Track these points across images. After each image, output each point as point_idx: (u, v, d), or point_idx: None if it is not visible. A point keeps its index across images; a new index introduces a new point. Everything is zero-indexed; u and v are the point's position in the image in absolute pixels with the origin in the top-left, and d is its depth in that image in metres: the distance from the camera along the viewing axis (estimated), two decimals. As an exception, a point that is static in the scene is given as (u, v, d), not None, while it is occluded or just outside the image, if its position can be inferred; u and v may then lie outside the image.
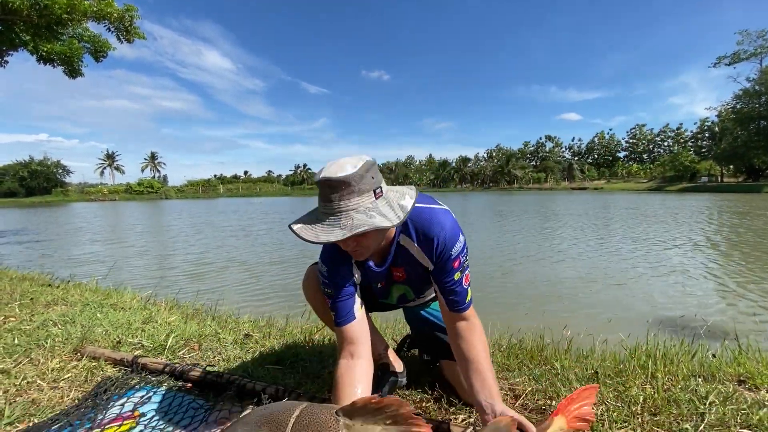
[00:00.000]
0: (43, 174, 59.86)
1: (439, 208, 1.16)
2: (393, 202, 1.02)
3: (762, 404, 1.25)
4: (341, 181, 0.94)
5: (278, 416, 0.86)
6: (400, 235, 1.16)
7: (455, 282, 1.14)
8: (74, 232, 14.33)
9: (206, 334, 2.00)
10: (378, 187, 1.00)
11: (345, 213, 0.95)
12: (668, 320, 3.83)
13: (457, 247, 1.12)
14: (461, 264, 1.14)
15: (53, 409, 1.29)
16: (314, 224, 0.96)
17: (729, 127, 46.02)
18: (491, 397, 1.05)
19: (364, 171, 0.97)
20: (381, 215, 0.97)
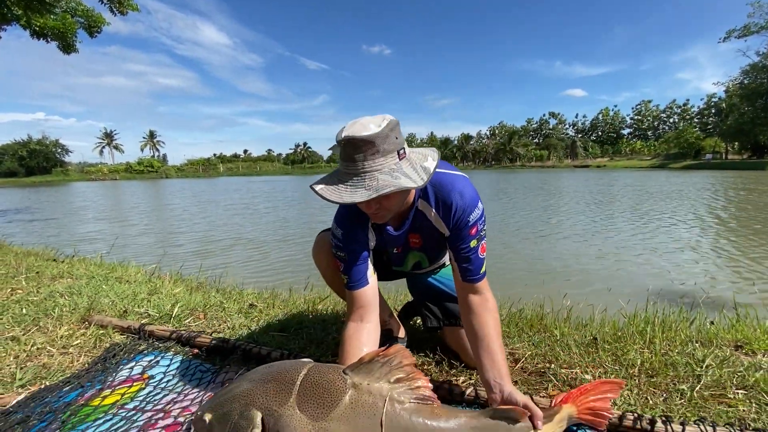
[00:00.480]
0: (42, 153, 59.54)
1: (459, 174, 1.15)
2: (416, 164, 0.99)
3: (758, 367, 1.28)
4: (365, 140, 0.91)
5: (285, 374, 0.88)
6: (419, 200, 1.14)
7: (471, 249, 1.12)
8: (78, 212, 14.37)
9: (211, 304, 2.03)
10: (402, 147, 0.98)
11: (369, 174, 0.93)
12: (668, 291, 3.88)
13: (476, 214, 1.11)
14: (478, 232, 1.12)
15: (64, 372, 1.32)
16: (337, 185, 0.94)
17: (736, 103, 45.17)
18: (500, 377, 1.02)
19: (389, 130, 0.94)
20: (405, 176, 0.95)
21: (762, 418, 1.04)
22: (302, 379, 0.85)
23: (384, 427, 0.79)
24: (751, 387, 1.17)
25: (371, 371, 0.86)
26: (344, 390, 0.82)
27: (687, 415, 1.06)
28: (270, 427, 0.79)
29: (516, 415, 0.89)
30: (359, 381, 0.85)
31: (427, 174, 0.98)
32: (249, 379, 0.91)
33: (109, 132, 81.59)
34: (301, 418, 0.79)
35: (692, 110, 73.00)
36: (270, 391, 0.84)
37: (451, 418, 0.86)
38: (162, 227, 10.06)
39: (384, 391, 0.84)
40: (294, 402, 0.81)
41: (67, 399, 1.13)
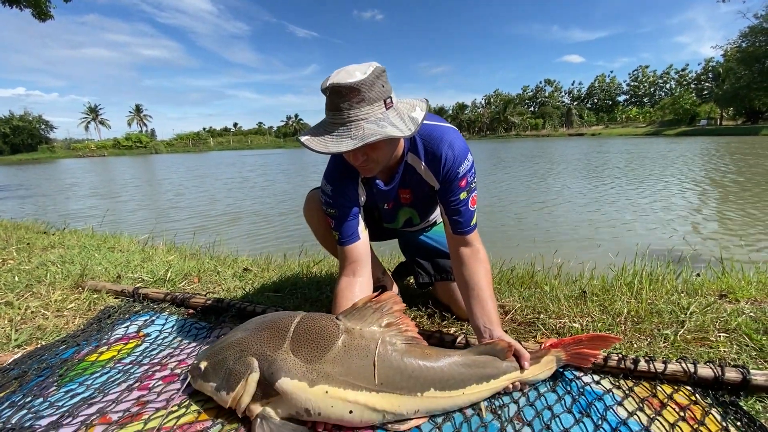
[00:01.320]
0: (26, 130, 57.86)
1: (448, 126, 1.13)
2: (403, 114, 0.97)
3: (741, 312, 1.32)
4: (350, 88, 0.88)
5: (279, 322, 0.90)
6: (408, 154, 1.12)
7: (461, 202, 1.12)
8: (71, 188, 14.12)
9: (205, 269, 2.04)
10: (388, 96, 0.95)
11: (355, 123, 0.90)
12: (657, 247, 3.96)
13: (465, 166, 1.10)
14: (468, 184, 1.12)
15: (59, 333, 1.33)
16: (323, 135, 0.92)
17: (733, 67, 44.51)
18: (490, 323, 1.03)
19: (374, 78, 0.91)
20: (392, 125, 0.92)
21: (742, 357, 1.08)
22: (296, 326, 0.87)
23: (376, 366, 0.82)
24: (733, 330, 1.21)
25: (364, 317, 0.89)
26: (337, 334, 0.85)
27: (670, 356, 1.10)
28: (264, 371, 0.81)
29: (500, 347, 0.92)
30: (352, 326, 0.87)
31: (415, 124, 0.95)
32: (243, 329, 0.93)
33: (93, 107, 79.17)
34: (295, 361, 0.81)
35: (690, 75, 71.99)
36: (264, 338, 0.86)
37: (440, 356, 0.89)
38: (158, 202, 9.96)
39: (376, 334, 0.87)
40: (288, 347, 0.83)
41: (64, 356, 1.14)
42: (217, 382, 0.85)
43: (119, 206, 9.36)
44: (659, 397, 0.91)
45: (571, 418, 0.84)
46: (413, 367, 0.84)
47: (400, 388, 0.82)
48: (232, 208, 8.21)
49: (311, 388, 0.79)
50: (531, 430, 0.81)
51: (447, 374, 0.86)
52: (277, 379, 0.79)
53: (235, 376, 0.83)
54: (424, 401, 0.84)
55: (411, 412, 0.83)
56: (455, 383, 0.86)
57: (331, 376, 0.80)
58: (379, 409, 0.81)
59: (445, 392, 0.85)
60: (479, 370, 0.89)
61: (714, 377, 0.93)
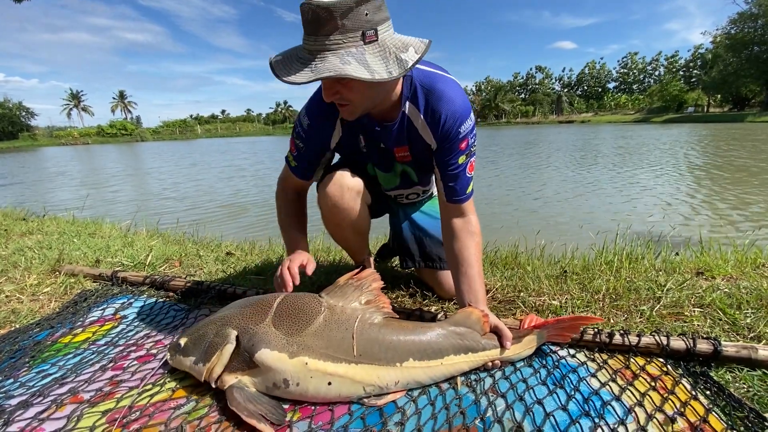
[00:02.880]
0: (6, 117, 56.21)
1: (450, 78, 1.02)
2: (389, 52, 0.83)
3: (716, 289, 1.34)
4: (322, 8, 0.76)
5: (263, 300, 0.91)
6: (407, 103, 1.02)
7: (459, 166, 1.04)
8: (56, 177, 13.78)
9: (187, 254, 2.01)
10: (372, 29, 0.81)
11: (320, 54, 0.80)
12: (638, 228, 4.05)
13: (467, 126, 1.00)
14: (468, 147, 1.03)
15: (34, 317, 1.30)
16: (291, 61, 0.83)
17: (721, 54, 44.85)
18: (476, 301, 1.01)
19: (354, 3, 0.77)
20: (360, 64, 0.79)
21: (715, 330, 1.11)
22: (279, 303, 0.89)
23: (355, 339, 0.83)
24: (707, 306, 1.23)
25: (345, 294, 0.91)
26: (320, 311, 0.86)
27: (644, 330, 1.11)
28: (245, 343, 0.82)
29: (474, 316, 0.93)
30: (334, 303, 0.89)
31: (400, 67, 0.82)
32: (227, 308, 0.94)
33: (75, 93, 77.03)
34: (276, 334, 0.82)
35: (679, 62, 72.42)
36: (247, 313, 0.87)
37: (418, 327, 0.90)
38: (144, 191, 9.79)
39: (356, 310, 0.89)
40: (270, 321, 0.85)
41: (38, 338, 1.12)
42: (195, 356, 0.86)
43: (103, 194, 9.18)
44: (632, 368, 0.92)
45: (545, 390, 0.85)
46: (391, 338, 0.86)
47: (379, 359, 0.83)
48: (222, 196, 8.11)
49: (291, 359, 0.79)
50: (504, 401, 0.82)
51: (425, 344, 0.87)
52: (258, 350, 0.80)
53: (212, 348, 0.83)
54: (404, 372, 0.84)
55: (391, 384, 0.84)
56: (433, 353, 0.87)
57: (312, 348, 0.81)
58: (358, 380, 0.81)
59: (423, 362, 0.86)
60: (457, 341, 0.90)
61: (686, 349, 0.95)
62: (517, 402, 0.81)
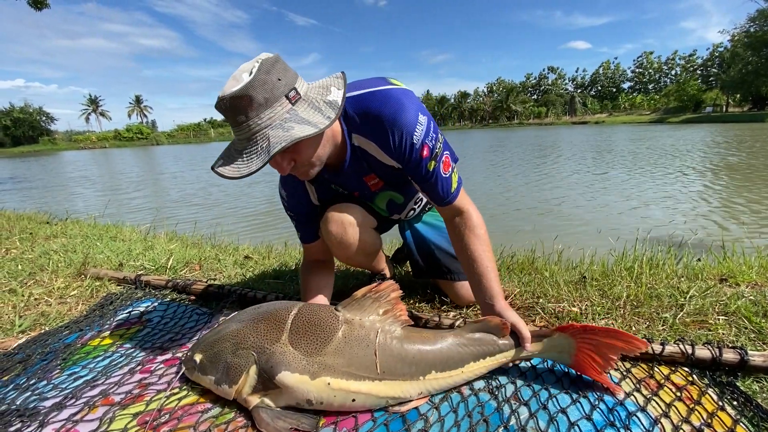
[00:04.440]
0: (27, 122, 57.96)
1: (387, 89, 0.96)
2: (317, 102, 0.84)
3: (741, 296, 1.31)
4: (240, 96, 0.76)
5: (276, 314, 0.89)
6: (353, 136, 0.99)
7: (431, 173, 0.99)
8: (76, 180, 14.13)
9: (207, 257, 2.05)
10: (291, 89, 0.81)
11: (259, 133, 0.79)
12: (658, 233, 3.96)
13: (419, 132, 0.93)
14: (432, 150, 0.96)
15: (62, 319, 1.35)
16: (234, 159, 0.81)
17: (740, 53, 43.77)
18: (491, 297, 0.99)
19: (264, 74, 0.78)
20: (302, 122, 0.80)
21: (741, 339, 1.08)
22: (293, 317, 0.87)
23: (378, 356, 0.82)
24: (732, 313, 1.21)
25: (363, 307, 0.88)
26: (337, 326, 0.84)
27: (668, 338, 1.10)
28: (263, 364, 0.81)
29: (493, 324, 0.91)
30: (351, 317, 0.87)
31: (334, 109, 0.83)
32: (237, 320, 0.92)
33: (94, 98, 78.96)
34: (295, 354, 0.81)
35: (696, 61, 70.89)
36: (261, 330, 0.85)
37: (438, 338, 0.89)
38: (161, 193, 9.98)
39: (375, 324, 0.87)
40: (287, 339, 0.83)
41: (67, 341, 1.15)
42: (215, 375, 0.85)
43: (122, 198, 9.39)
44: (656, 378, 0.91)
45: (569, 399, 0.84)
46: (414, 352, 0.85)
47: (402, 375, 0.83)
48: (236, 199, 8.22)
49: (313, 380, 0.79)
50: (528, 409, 0.81)
51: (446, 355, 0.86)
52: (277, 372, 0.79)
53: (236, 369, 0.82)
54: (426, 384, 0.85)
55: (414, 395, 0.84)
56: (454, 363, 0.87)
57: (333, 368, 0.80)
58: (382, 396, 0.81)
59: (445, 373, 0.86)
60: (476, 348, 0.90)
61: (712, 358, 0.93)
62: (540, 410, 0.81)
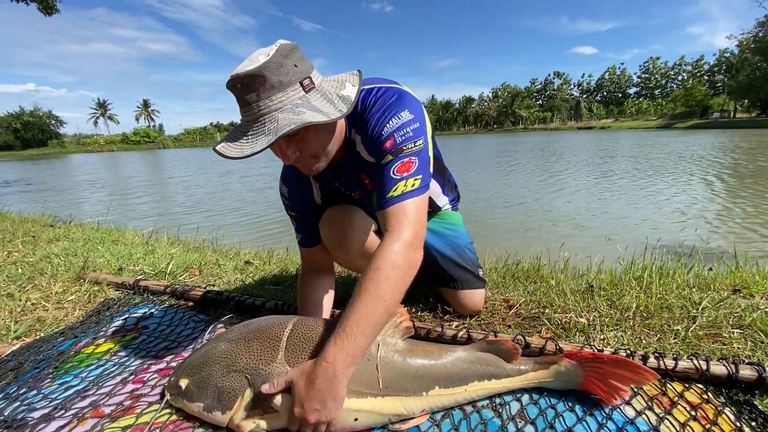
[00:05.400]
0: (37, 125, 58.79)
1: (390, 86, 0.95)
2: (330, 94, 0.83)
3: (755, 308, 1.27)
4: (253, 75, 0.75)
5: (268, 331, 0.83)
6: (351, 130, 0.96)
7: (381, 167, 0.87)
8: (82, 184, 14.25)
9: (207, 262, 2.03)
10: (306, 77, 0.80)
11: (268, 115, 0.77)
12: (668, 241, 3.89)
13: (393, 124, 0.87)
14: (395, 145, 0.86)
15: (58, 325, 1.33)
16: (239, 139, 0.79)
17: (748, 58, 43.45)
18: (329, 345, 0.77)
19: (281, 57, 0.77)
20: (313, 110, 0.78)
21: (757, 354, 1.04)
22: (289, 334, 0.82)
23: (380, 371, 0.79)
24: (747, 326, 1.16)
25: None
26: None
27: (681, 353, 1.05)
28: (258, 387, 0.76)
29: (506, 347, 0.88)
30: None
31: (346, 103, 0.81)
32: (226, 340, 0.86)
33: (102, 102, 79.99)
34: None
35: (704, 66, 70.44)
36: (254, 349, 0.80)
37: (442, 354, 0.86)
38: (165, 197, 10.03)
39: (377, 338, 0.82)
40: (283, 359, 0.78)
41: (61, 348, 1.13)
42: (205, 402, 0.78)
43: (130, 202, 9.44)
44: (669, 395, 0.87)
45: (574, 417, 0.80)
46: (417, 367, 0.82)
47: (405, 390, 0.80)
48: (240, 204, 8.23)
49: None
50: (534, 428, 0.77)
51: (450, 371, 0.83)
52: (276, 395, 0.75)
53: (228, 394, 0.77)
54: (429, 400, 0.81)
55: (417, 411, 0.81)
56: (458, 380, 0.83)
57: None
58: (385, 412, 0.78)
59: (448, 389, 0.83)
60: (482, 368, 0.86)
61: (728, 375, 0.89)
62: (547, 429, 0.77)
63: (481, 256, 2.25)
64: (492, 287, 1.57)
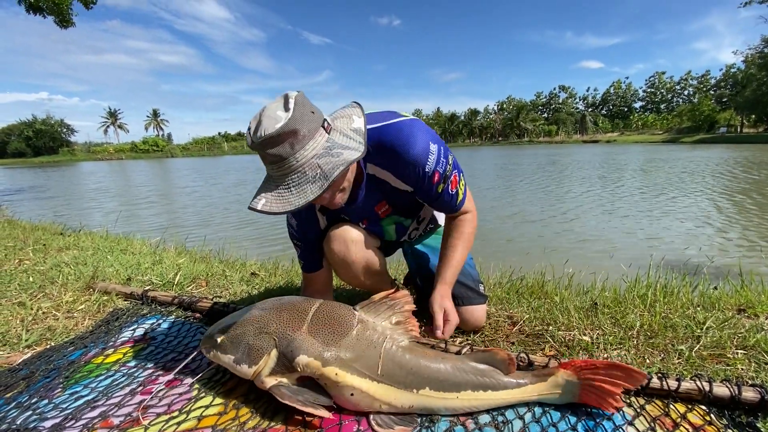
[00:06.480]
0: (48, 133, 59.85)
1: (399, 121, 1.01)
2: (345, 130, 0.89)
3: (760, 328, 1.26)
4: (286, 132, 0.78)
5: (298, 306, 0.97)
6: (367, 165, 1.04)
7: (440, 194, 1.06)
8: (91, 192, 14.45)
9: (214, 273, 2.05)
10: (323, 119, 0.85)
11: (307, 164, 0.81)
12: (672, 259, 3.86)
13: (432, 160, 0.99)
14: (442, 175, 1.03)
15: (68, 334, 1.35)
16: (279, 192, 0.82)
17: (754, 73, 43.43)
18: (439, 280, 1.13)
19: (302, 108, 0.82)
20: (345, 148, 0.83)
21: (761, 375, 1.04)
22: (315, 311, 0.95)
23: (382, 359, 0.88)
24: (751, 347, 1.16)
25: (378, 311, 0.96)
26: (353, 324, 0.92)
27: (684, 373, 1.05)
28: (284, 348, 0.89)
29: (499, 357, 0.90)
30: (366, 318, 0.95)
31: (361, 136, 0.88)
32: (260, 308, 1.00)
33: (113, 111, 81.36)
34: (313, 343, 0.89)
35: (710, 81, 70.45)
36: (284, 318, 0.94)
37: (438, 358, 0.91)
38: (173, 205, 10.13)
39: (386, 330, 0.94)
40: (307, 329, 0.91)
41: (71, 358, 1.15)
42: (236, 355, 0.92)
43: (134, 209, 9.55)
44: (672, 416, 0.87)
45: (578, 437, 0.81)
46: (413, 363, 0.89)
47: (398, 382, 0.87)
48: (246, 214, 8.30)
49: (324, 367, 0.86)
50: (536, 447, 0.78)
51: (443, 376, 0.88)
52: (296, 356, 0.87)
53: (257, 351, 0.90)
54: (419, 398, 0.87)
55: (405, 407, 0.87)
56: (450, 386, 0.88)
57: (342, 361, 0.87)
58: (377, 397, 0.86)
59: (439, 393, 0.88)
60: (476, 377, 0.89)
61: (730, 396, 0.89)
62: (549, 449, 0.78)
63: (486, 271, 2.27)
64: (496, 303, 1.58)
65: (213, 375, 1.05)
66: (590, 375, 0.88)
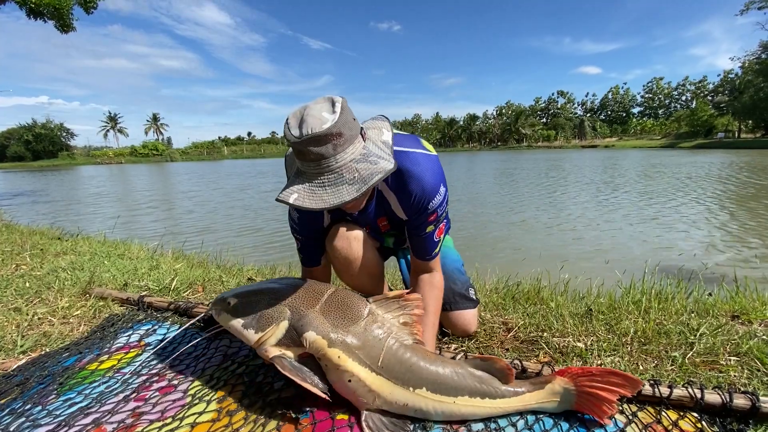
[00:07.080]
0: (48, 137, 59.81)
1: (421, 153, 1.04)
2: (376, 141, 0.92)
3: (753, 335, 1.27)
4: (331, 133, 0.81)
5: (314, 286, 1.00)
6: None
7: (427, 234, 1.10)
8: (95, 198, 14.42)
9: (210, 278, 2.05)
10: (360, 127, 0.89)
11: (345, 166, 0.83)
12: (667, 264, 3.87)
13: (436, 202, 1.04)
14: (438, 218, 1.08)
15: (63, 340, 1.35)
16: (311, 189, 0.83)
17: (751, 79, 43.71)
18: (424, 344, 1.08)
19: (347, 113, 0.85)
20: (380, 158, 0.86)
21: (753, 382, 1.04)
22: (330, 294, 0.98)
23: (384, 352, 0.90)
24: (744, 354, 1.17)
25: (389, 308, 0.99)
26: (364, 313, 0.95)
27: (677, 380, 1.06)
28: (295, 322, 0.92)
29: (498, 366, 0.91)
30: (377, 311, 0.97)
31: (390, 149, 0.92)
32: (276, 282, 1.03)
33: (113, 115, 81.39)
34: (324, 322, 0.92)
35: (708, 87, 70.81)
36: (300, 294, 0.97)
37: (438, 360, 0.93)
38: (171, 210, 10.13)
39: (393, 327, 0.96)
40: (320, 309, 0.94)
41: (66, 364, 1.15)
42: (245, 320, 0.95)
43: (133, 214, 9.54)
44: (664, 423, 0.88)
45: (570, 444, 0.81)
46: (412, 361, 0.90)
47: (396, 378, 0.89)
48: (245, 219, 8.30)
49: (329, 348, 0.89)
50: (528, 455, 0.78)
51: (441, 378, 0.89)
52: (305, 331, 0.90)
53: (267, 319, 0.93)
54: (414, 397, 0.88)
55: (400, 403, 0.88)
56: (447, 389, 0.88)
57: (347, 345, 0.90)
58: (373, 389, 0.88)
59: (436, 395, 0.88)
60: (474, 384, 0.89)
61: (722, 404, 0.89)
62: (540, 457, 0.78)
63: (482, 276, 2.28)
64: (492, 309, 1.58)
65: (207, 381, 1.05)
66: (587, 382, 0.88)
